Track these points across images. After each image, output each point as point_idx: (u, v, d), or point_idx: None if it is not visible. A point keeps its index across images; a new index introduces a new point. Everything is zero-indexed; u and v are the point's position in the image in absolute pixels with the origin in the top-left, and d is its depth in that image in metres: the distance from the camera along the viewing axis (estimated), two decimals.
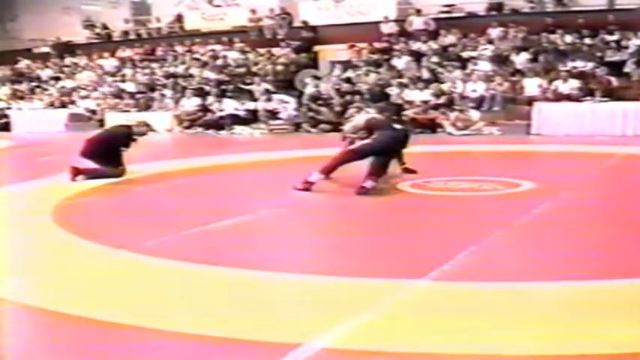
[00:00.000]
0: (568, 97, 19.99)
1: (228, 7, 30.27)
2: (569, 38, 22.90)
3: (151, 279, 5.58)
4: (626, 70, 20.92)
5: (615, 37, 22.24)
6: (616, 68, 20.94)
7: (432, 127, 20.23)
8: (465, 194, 9.50)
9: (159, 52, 30.01)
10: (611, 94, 19.82)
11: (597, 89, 19.91)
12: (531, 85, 20.84)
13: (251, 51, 27.63)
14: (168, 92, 25.90)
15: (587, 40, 22.60)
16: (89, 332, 4.42)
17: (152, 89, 26.81)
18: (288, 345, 4.03)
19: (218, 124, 23.13)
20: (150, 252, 6.24)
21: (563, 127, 18.52)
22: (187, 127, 23.84)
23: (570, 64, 21.42)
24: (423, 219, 8.15)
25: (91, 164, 11.25)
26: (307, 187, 9.78)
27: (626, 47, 21.73)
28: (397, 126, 10.55)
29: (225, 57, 27.41)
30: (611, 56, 21.57)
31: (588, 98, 19.75)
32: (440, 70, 22.96)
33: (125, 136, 11.76)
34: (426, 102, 21.14)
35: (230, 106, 23.61)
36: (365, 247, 6.68)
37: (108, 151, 11.49)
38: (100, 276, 5.71)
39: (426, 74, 22.71)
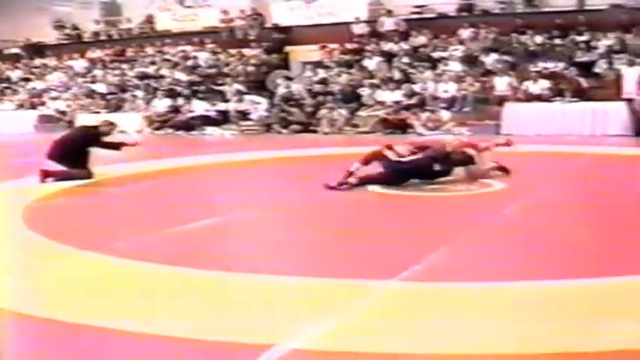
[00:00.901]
0: (538, 98, 20.12)
1: (199, 7, 30.19)
2: (539, 39, 23.04)
3: (121, 280, 5.54)
4: (596, 70, 21.07)
5: (585, 38, 22.40)
6: (586, 69, 21.09)
7: (403, 127, 20.28)
8: (436, 194, 9.51)
9: (129, 52, 29.91)
10: (581, 95, 19.95)
11: (567, 89, 20.05)
12: (501, 84, 20.95)
13: (222, 52, 27.60)
14: (139, 93, 25.80)
15: (557, 41, 22.75)
16: (53, 333, 4.39)
17: (123, 90, 26.71)
18: (260, 346, 4.02)
19: (189, 125, 23.07)
20: (120, 254, 6.20)
21: (533, 127, 18.60)
22: (158, 128, 23.75)
23: (541, 65, 21.55)
24: (393, 219, 8.15)
25: (59, 167, 11.19)
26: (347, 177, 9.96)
27: (596, 48, 21.90)
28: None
29: (196, 58, 27.35)
30: (581, 57, 21.71)
31: (558, 98, 19.88)
32: (411, 70, 23.04)
33: (91, 137, 11.71)
34: (397, 102, 21.19)
35: (201, 107, 23.56)
36: (336, 248, 6.67)
37: (75, 152, 11.43)
38: (70, 278, 5.67)
39: (397, 75, 22.77)
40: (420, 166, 10.07)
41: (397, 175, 10.03)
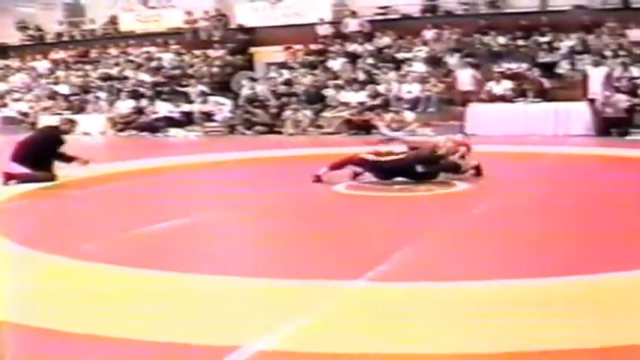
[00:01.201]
0: (502, 98, 20.25)
1: (163, 8, 30.09)
2: (502, 40, 23.21)
3: (85, 283, 5.51)
4: (559, 71, 21.25)
5: (547, 39, 22.60)
6: (548, 69, 21.27)
7: (367, 128, 20.32)
8: (400, 194, 9.54)
9: (93, 54, 29.73)
10: (544, 95, 20.12)
11: (530, 90, 20.20)
12: (464, 77, 21.08)
13: (186, 53, 27.52)
14: (102, 94, 25.66)
15: (520, 42, 22.92)
16: (16, 337, 4.35)
17: (86, 91, 26.54)
18: (225, 348, 4.01)
19: (152, 127, 22.96)
20: (84, 256, 6.16)
21: (496, 128, 18.70)
22: (121, 130, 23.63)
23: (504, 66, 21.70)
24: (358, 220, 8.16)
25: (22, 169, 11.11)
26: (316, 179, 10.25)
27: (558, 48, 22.09)
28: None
29: (160, 59, 27.24)
30: (544, 57, 21.89)
31: (521, 99, 20.02)
32: (375, 71, 23.10)
33: (52, 137, 11.64)
34: (361, 103, 21.23)
35: (164, 109, 23.46)
36: (301, 249, 6.67)
37: (37, 154, 11.34)
38: (34, 281, 5.63)
39: (361, 76, 22.81)
40: (401, 167, 10.11)
41: (379, 173, 10.23)
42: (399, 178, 10.12)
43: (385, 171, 10.17)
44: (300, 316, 4.54)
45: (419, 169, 10.12)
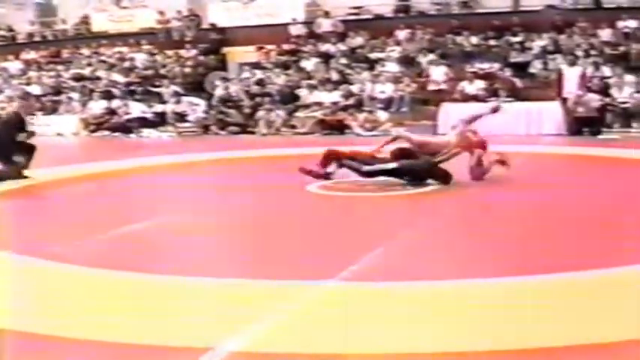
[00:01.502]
0: (474, 98, 20.31)
1: (135, 8, 29.93)
2: (474, 40, 23.31)
3: (56, 285, 5.48)
4: (531, 70, 21.36)
5: (520, 39, 22.71)
6: (521, 69, 21.38)
7: (341, 128, 20.34)
8: (373, 195, 9.54)
9: (65, 54, 29.55)
10: (516, 95, 20.22)
11: (502, 90, 20.29)
12: (437, 73, 21.15)
13: (159, 53, 27.42)
14: (74, 95, 25.51)
15: (493, 42, 23.03)
16: None
17: (58, 92, 26.38)
18: (197, 349, 4.00)
19: (125, 128, 22.86)
20: (54, 258, 6.13)
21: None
22: (94, 131, 23.49)
23: (476, 66, 21.80)
24: (332, 220, 8.16)
25: None
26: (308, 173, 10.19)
27: (530, 48, 22.21)
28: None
29: (132, 59, 27.13)
30: (516, 57, 22.00)
31: (494, 99, 20.09)
32: (348, 71, 23.11)
33: (12, 123, 11.47)
34: (334, 103, 21.23)
35: (137, 109, 23.36)
36: (273, 249, 6.67)
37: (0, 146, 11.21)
38: (4, 282, 5.60)
39: (334, 76, 22.82)
40: (390, 172, 10.03)
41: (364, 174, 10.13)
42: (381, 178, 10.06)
43: (373, 173, 10.05)
44: (272, 316, 4.53)
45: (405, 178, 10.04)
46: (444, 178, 9.92)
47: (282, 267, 5.87)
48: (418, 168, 9.95)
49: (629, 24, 22.18)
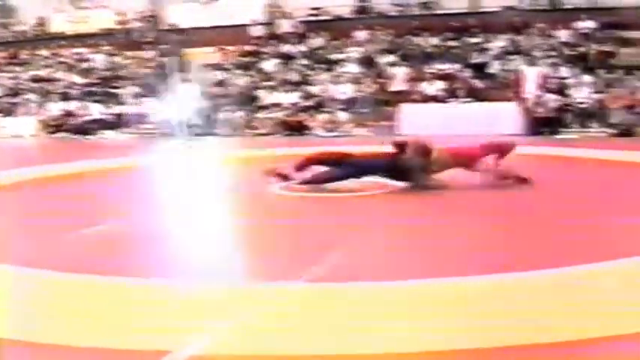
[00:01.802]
0: (434, 99, 20.44)
1: (94, 9, 29.74)
2: (434, 41, 23.44)
3: (10, 288, 5.42)
4: (490, 71, 21.51)
5: (478, 40, 22.88)
6: (480, 70, 21.53)
7: (301, 129, 20.36)
8: (336, 195, 9.53)
9: (23, 55, 29.31)
10: (476, 95, 20.37)
11: (461, 90, 20.43)
12: (397, 76, 21.27)
13: (118, 54, 27.27)
14: (32, 96, 25.31)
15: (452, 43, 23.18)
16: None
17: (16, 94, 26.16)
18: (156, 353, 3.98)
19: (84, 129, 22.71)
20: (9, 261, 6.06)
21: (429, 128, 18.76)
22: (53, 132, 23.33)
23: (436, 66, 21.93)
24: (294, 221, 8.15)
25: None
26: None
27: (489, 49, 22.38)
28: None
29: (91, 60, 26.96)
30: (475, 58, 22.15)
31: (453, 99, 20.24)
32: (309, 72, 23.14)
33: None
34: (294, 104, 21.24)
35: (96, 111, 23.22)
36: (235, 251, 6.65)
37: None
38: None
39: (295, 77, 22.84)
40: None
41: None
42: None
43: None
44: (232, 318, 4.51)
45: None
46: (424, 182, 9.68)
47: (244, 268, 5.86)
48: (406, 168, 9.58)
49: (587, 24, 22.44)
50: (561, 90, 19.37)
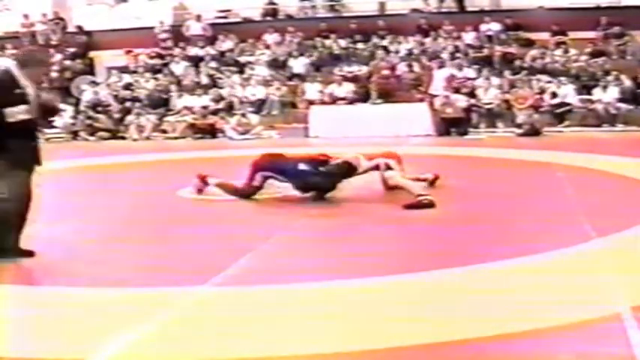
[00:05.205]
0: (344, 100, 20.60)
1: None
2: (342, 43, 23.60)
3: None
4: (397, 72, 21.75)
5: (386, 42, 23.13)
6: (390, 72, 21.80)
7: (212, 132, 20.28)
8: (245, 200, 9.49)
9: None
10: (385, 97, 20.58)
11: (371, 92, 20.65)
12: (311, 90, 21.35)
13: None
14: None
15: (360, 45, 23.38)
16: None
17: None
18: None
19: None
20: None
21: (340, 130, 18.84)
22: None
23: (345, 69, 22.09)
24: (203, 225, 8.11)
25: None
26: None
27: (397, 51, 22.63)
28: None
29: None
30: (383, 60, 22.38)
31: (362, 101, 20.45)
32: (218, 75, 23.07)
33: None
34: (205, 107, 21.12)
35: None
36: (145, 257, 6.61)
37: None
38: None
39: (204, 79, 22.75)
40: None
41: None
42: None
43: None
44: (144, 324, 4.50)
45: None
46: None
47: (153, 274, 5.83)
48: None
49: (492, 27, 22.87)
50: (471, 91, 19.72)
